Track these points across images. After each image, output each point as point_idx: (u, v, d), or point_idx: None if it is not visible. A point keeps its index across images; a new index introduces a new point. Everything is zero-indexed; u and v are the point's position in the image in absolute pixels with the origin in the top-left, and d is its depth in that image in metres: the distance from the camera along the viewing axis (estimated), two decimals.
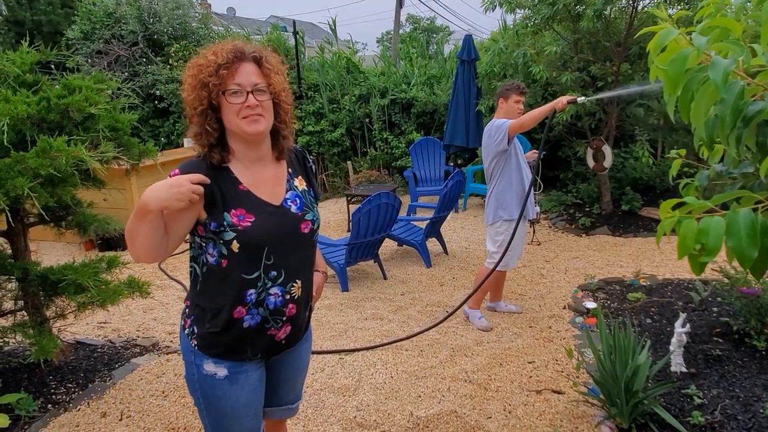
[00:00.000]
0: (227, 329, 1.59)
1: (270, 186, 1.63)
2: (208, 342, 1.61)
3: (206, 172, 1.52)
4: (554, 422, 2.76)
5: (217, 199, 1.53)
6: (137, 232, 1.48)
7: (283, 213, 1.62)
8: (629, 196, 6.50)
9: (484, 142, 3.73)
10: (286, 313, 1.65)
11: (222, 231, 1.52)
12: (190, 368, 1.67)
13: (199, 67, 1.52)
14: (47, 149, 2.52)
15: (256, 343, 1.64)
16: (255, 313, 1.60)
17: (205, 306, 1.61)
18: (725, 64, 1.03)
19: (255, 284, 1.58)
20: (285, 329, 1.67)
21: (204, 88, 1.49)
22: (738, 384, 2.84)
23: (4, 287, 3.24)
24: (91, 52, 9.00)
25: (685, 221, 1.04)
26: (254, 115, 1.50)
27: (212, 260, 1.58)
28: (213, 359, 1.62)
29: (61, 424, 2.86)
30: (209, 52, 1.54)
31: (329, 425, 2.81)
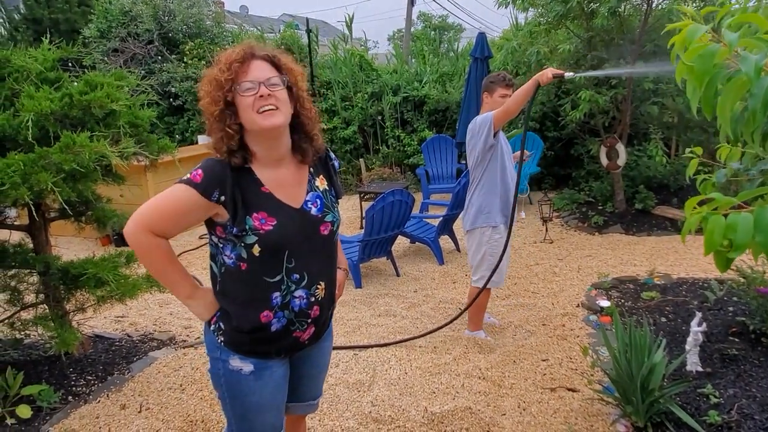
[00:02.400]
0: (254, 332, 1.60)
1: (291, 187, 1.61)
2: (235, 340, 1.62)
3: (229, 173, 1.51)
4: (569, 420, 2.76)
5: (238, 203, 1.52)
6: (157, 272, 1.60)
7: (302, 216, 1.61)
8: (643, 195, 6.46)
9: (468, 142, 3.43)
10: (311, 315, 1.66)
11: (244, 235, 1.52)
12: (215, 363, 1.67)
13: (214, 68, 1.53)
14: (71, 145, 2.56)
15: (281, 344, 1.66)
16: (281, 316, 1.61)
17: (228, 307, 1.61)
18: (756, 58, 1.04)
19: (279, 287, 1.58)
20: (309, 330, 1.69)
21: (219, 88, 1.49)
22: (755, 383, 2.82)
23: (26, 281, 3.31)
24: (108, 50, 9.10)
25: (713, 217, 1.05)
26: (269, 106, 1.47)
27: (229, 262, 1.58)
28: (239, 355, 1.63)
29: (81, 415, 2.91)
30: (222, 53, 1.55)
31: (345, 420, 2.83)
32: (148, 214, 1.52)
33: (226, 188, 1.50)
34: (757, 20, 1.23)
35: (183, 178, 1.52)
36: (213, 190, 1.49)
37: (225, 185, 1.50)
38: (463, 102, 7.57)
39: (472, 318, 3.73)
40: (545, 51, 6.10)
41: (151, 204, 1.53)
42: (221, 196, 1.49)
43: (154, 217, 1.52)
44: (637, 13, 6.13)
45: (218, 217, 1.54)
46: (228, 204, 1.50)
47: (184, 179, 1.51)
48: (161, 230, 1.53)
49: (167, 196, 1.52)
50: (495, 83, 3.41)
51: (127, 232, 1.53)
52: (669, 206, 6.41)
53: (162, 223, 1.53)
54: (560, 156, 7.86)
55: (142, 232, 1.52)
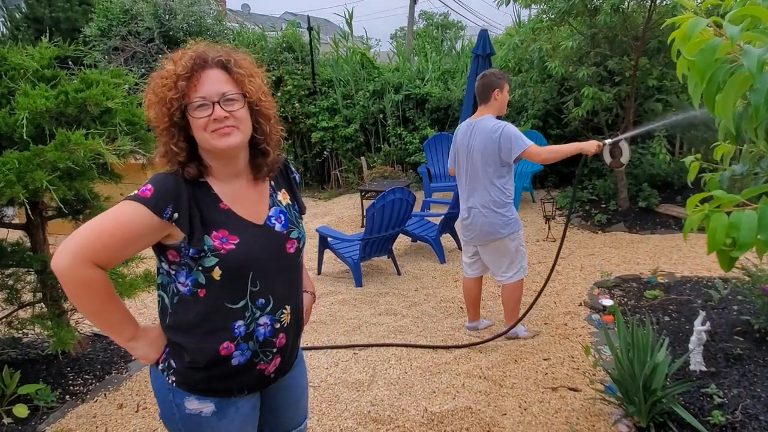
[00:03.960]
0: (211, 367, 1.40)
1: (251, 202, 1.45)
2: (189, 378, 1.41)
3: (184, 188, 1.34)
4: (570, 420, 2.73)
5: (196, 221, 1.33)
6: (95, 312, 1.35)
7: (267, 233, 1.44)
8: (646, 193, 6.41)
9: (495, 144, 3.25)
10: (276, 344, 1.47)
11: (202, 257, 1.33)
12: (168, 408, 1.45)
13: (159, 79, 1.34)
14: (65, 143, 2.54)
15: (243, 380, 1.45)
16: (245, 348, 1.41)
17: (182, 341, 1.40)
18: (758, 53, 1.00)
19: (243, 314, 1.40)
20: (275, 362, 1.49)
21: (163, 105, 1.31)
22: (759, 383, 2.79)
23: (24, 279, 3.30)
24: (108, 49, 9.08)
25: (715, 215, 1.01)
26: (224, 127, 1.32)
27: (184, 290, 1.38)
28: (195, 395, 1.42)
29: (78, 414, 2.89)
30: (168, 61, 1.36)
31: (343, 419, 2.81)
32: (89, 240, 1.27)
33: (180, 204, 1.32)
34: (760, 13, 1.19)
35: (130, 195, 1.31)
36: (165, 207, 1.30)
37: (179, 200, 1.32)
38: (465, 100, 7.53)
39: (511, 316, 3.64)
40: (547, 48, 6.06)
41: (91, 228, 1.29)
42: (174, 213, 1.31)
43: (98, 243, 1.27)
44: (640, 10, 6.07)
45: (170, 239, 1.34)
46: (182, 222, 1.32)
47: (131, 196, 1.31)
48: (105, 260, 1.29)
49: (112, 217, 1.29)
50: (503, 79, 3.36)
51: (61, 266, 1.25)
52: (673, 204, 6.36)
53: (106, 251, 1.28)
54: None
55: (82, 264, 1.26)
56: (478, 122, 3.38)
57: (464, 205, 3.52)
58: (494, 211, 3.36)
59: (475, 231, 3.47)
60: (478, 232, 3.45)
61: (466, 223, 3.52)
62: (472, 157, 3.37)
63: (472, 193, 3.43)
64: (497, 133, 3.26)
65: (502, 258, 3.49)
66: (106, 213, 1.31)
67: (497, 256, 3.49)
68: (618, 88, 5.90)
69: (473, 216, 3.44)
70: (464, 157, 3.44)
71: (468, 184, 3.45)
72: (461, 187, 3.54)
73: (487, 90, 3.36)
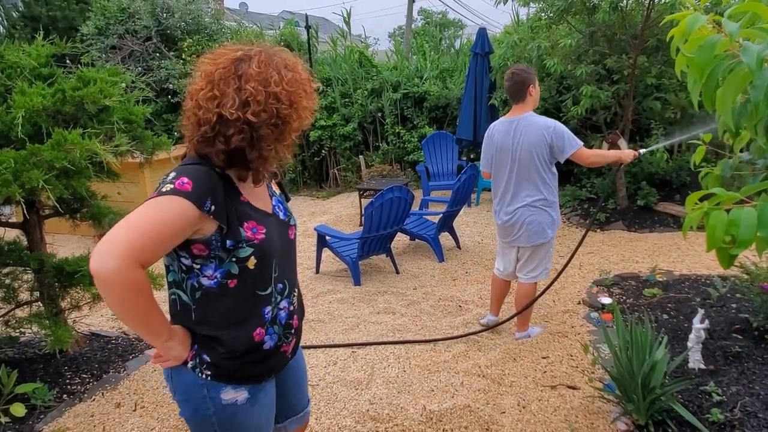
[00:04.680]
0: (246, 354, 1.44)
1: (260, 195, 1.49)
2: (225, 369, 1.43)
3: (218, 180, 1.35)
4: (569, 418, 2.72)
5: (231, 213, 1.35)
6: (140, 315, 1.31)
7: (277, 221, 1.51)
8: (645, 191, 6.41)
9: (547, 140, 3.20)
10: (293, 325, 1.57)
11: (238, 248, 1.36)
12: (201, 404, 1.45)
13: (302, 84, 1.37)
14: (62, 142, 2.53)
15: (272, 363, 1.53)
16: (272, 332, 1.49)
17: (216, 334, 1.41)
18: (758, 49, 1.00)
19: (270, 300, 1.46)
20: (292, 343, 1.59)
21: (304, 110, 1.38)
22: (758, 381, 2.78)
23: (21, 278, 3.29)
24: (106, 48, 9.05)
25: (714, 212, 1.01)
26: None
27: (210, 283, 1.38)
28: (232, 385, 1.45)
29: (76, 413, 2.89)
30: (299, 68, 1.38)
31: (342, 418, 2.80)
32: (136, 240, 1.22)
33: (217, 196, 1.31)
34: (759, 10, 1.19)
35: (165, 190, 1.26)
36: (205, 200, 1.28)
37: (216, 193, 1.32)
38: (463, 98, 7.53)
39: (524, 317, 3.60)
40: (546, 46, 6.05)
41: (138, 226, 1.23)
42: (212, 206, 1.30)
43: (145, 243, 1.23)
44: (639, 8, 6.06)
45: (198, 233, 1.32)
46: (220, 214, 1.31)
47: (168, 190, 1.26)
48: (150, 259, 1.26)
49: (155, 214, 1.24)
50: (534, 74, 3.31)
51: (110, 269, 1.19)
52: (671, 203, 6.36)
53: (152, 250, 1.25)
54: None
55: (131, 266, 1.20)
56: (521, 119, 3.28)
57: (506, 206, 3.39)
58: (543, 210, 3.31)
59: (521, 231, 3.36)
60: (524, 232, 3.35)
61: (510, 224, 3.39)
62: (520, 156, 3.26)
63: (519, 193, 3.32)
64: (549, 130, 3.20)
65: (536, 258, 3.44)
66: (145, 210, 1.25)
67: (534, 256, 3.44)
68: (616, 86, 5.90)
69: (519, 216, 3.33)
70: (508, 156, 3.31)
71: (514, 184, 3.32)
72: (501, 188, 3.41)
73: (522, 87, 3.28)
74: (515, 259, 3.54)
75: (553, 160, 3.29)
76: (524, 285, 3.53)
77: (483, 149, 3.52)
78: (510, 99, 3.39)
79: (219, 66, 1.34)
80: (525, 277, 3.51)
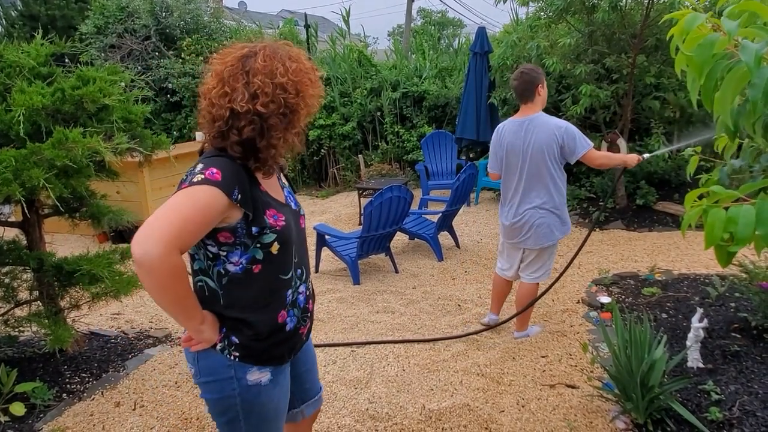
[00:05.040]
0: (271, 335, 1.53)
1: (274, 186, 1.59)
2: (253, 351, 1.51)
3: (243, 171, 1.43)
4: (568, 416, 2.73)
5: (257, 201, 1.44)
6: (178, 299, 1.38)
7: (290, 210, 1.60)
8: (644, 191, 6.42)
9: (558, 141, 3.18)
10: (309, 308, 1.68)
11: (263, 234, 1.44)
12: (226, 386, 1.52)
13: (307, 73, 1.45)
14: (63, 140, 2.53)
15: (292, 344, 1.62)
16: (293, 314, 1.59)
17: (244, 316, 1.49)
18: (756, 48, 1.00)
19: (291, 284, 1.57)
20: (308, 325, 1.70)
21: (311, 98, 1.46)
22: (757, 380, 2.79)
23: (20, 277, 3.28)
24: (105, 47, 9.05)
25: (713, 210, 1.01)
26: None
27: (236, 269, 1.46)
28: (257, 367, 1.53)
29: (75, 413, 2.89)
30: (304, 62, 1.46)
31: (341, 417, 2.80)
32: (176, 227, 1.27)
33: (244, 185, 1.40)
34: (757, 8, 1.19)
35: (197, 180, 1.33)
36: (233, 189, 1.36)
37: (243, 182, 1.40)
38: (462, 97, 7.53)
39: (524, 317, 3.60)
40: (545, 45, 6.05)
41: (176, 215, 1.29)
42: (239, 194, 1.37)
43: (184, 230, 1.29)
44: (638, 7, 6.07)
45: (225, 221, 1.39)
46: (246, 202, 1.39)
47: (199, 180, 1.33)
48: (187, 246, 1.33)
49: (190, 203, 1.31)
50: (542, 73, 3.29)
51: (154, 255, 1.24)
52: (670, 202, 6.37)
53: (189, 237, 1.32)
54: None
55: (171, 253, 1.26)
56: (532, 120, 3.25)
57: (514, 207, 3.37)
58: (552, 212, 3.30)
59: (530, 233, 3.34)
60: (533, 234, 3.33)
61: (518, 226, 3.36)
62: (531, 156, 3.24)
63: (529, 194, 3.30)
64: (561, 130, 3.19)
65: (540, 260, 3.44)
66: (180, 199, 1.31)
67: (539, 258, 3.44)
68: (616, 85, 5.90)
69: (529, 218, 3.31)
70: (518, 157, 3.28)
71: (525, 185, 3.30)
72: (511, 189, 3.38)
73: (531, 87, 3.25)
74: (520, 259, 3.54)
75: (563, 161, 3.27)
76: (526, 285, 3.52)
77: (492, 150, 3.49)
78: (518, 99, 3.36)
79: (227, 64, 1.41)
80: (528, 277, 3.50)
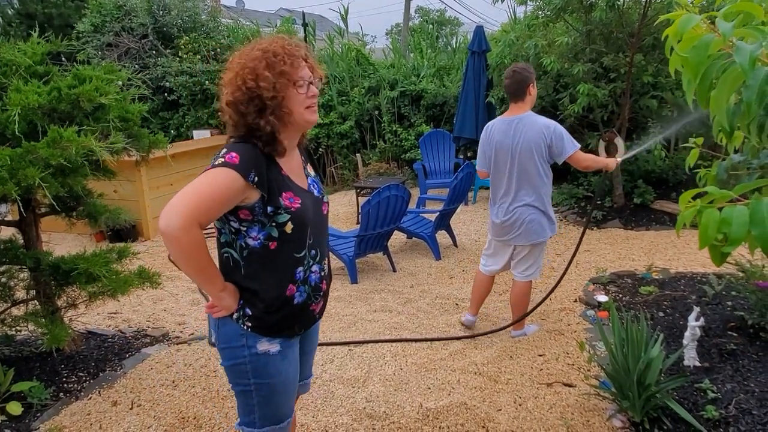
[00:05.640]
0: (281, 307, 1.67)
1: (298, 173, 1.73)
2: (264, 322, 1.66)
3: (261, 155, 1.57)
4: (565, 415, 2.74)
5: (272, 184, 1.58)
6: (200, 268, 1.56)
7: (311, 196, 1.73)
8: (641, 189, 6.43)
9: (547, 141, 3.24)
10: (322, 288, 1.80)
11: (278, 213, 1.59)
12: (238, 353, 1.68)
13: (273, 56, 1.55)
14: (58, 139, 2.52)
15: (302, 319, 1.75)
16: (302, 290, 1.71)
17: (257, 287, 1.65)
18: (751, 49, 1.00)
19: (302, 262, 1.69)
20: (320, 303, 1.82)
21: (282, 76, 1.55)
22: (753, 378, 2.80)
23: (17, 277, 3.28)
24: (102, 45, 9.03)
25: (707, 210, 1.02)
26: (314, 104, 1.63)
27: (255, 243, 1.61)
28: (267, 338, 1.68)
29: (72, 412, 2.88)
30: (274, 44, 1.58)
31: (339, 416, 2.81)
32: (195, 204, 1.46)
33: (261, 169, 1.54)
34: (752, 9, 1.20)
35: (217, 163, 1.51)
36: (250, 171, 1.52)
37: (260, 166, 1.54)
38: (460, 96, 7.53)
39: (521, 314, 3.62)
40: (543, 44, 6.05)
41: (195, 193, 1.48)
42: (256, 177, 1.53)
43: (202, 207, 1.47)
44: (636, 6, 6.07)
45: (246, 201, 1.56)
46: (262, 184, 1.54)
47: (220, 163, 1.50)
48: (205, 221, 1.51)
49: (208, 183, 1.49)
50: (533, 73, 3.34)
51: (177, 227, 1.44)
52: (668, 201, 6.38)
53: (207, 213, 1.49)
54: None
55: (192, 225, 1.46)
56: (521, 119, 3.29)
57: (504, 205, 3.39)
58: (541, 210, 3.34)
59: (520, 230, 3.37)
60: (524, 231, 3.36)
61: (509, 223, 3.38)
62: (519, 155, 3.27)
63: (518, 192, 3.33)
64: (549, 130, 3.24)
65: (532, 257, 3.47)
66: (201, 179, 1.49)
67: (531, 255, 3.46)
68: (613, 84, 5.91)
69: (519, 215, 3.34)
70: (507, 155, 3.31)
71: (515, 183, 3.33)
72: (501, 187, 3.41)
73: (522, 86, 3.29)
74: (509, 257, 3.56)
75: (550, 161, 3.30)
76: (520, 284, 3.54)
77: (480, 148, 3.52)
78: (509, 97, 3.39)
79: (226, 68, 1.64)
80: (521, 275, 3.52)
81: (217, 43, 9.16)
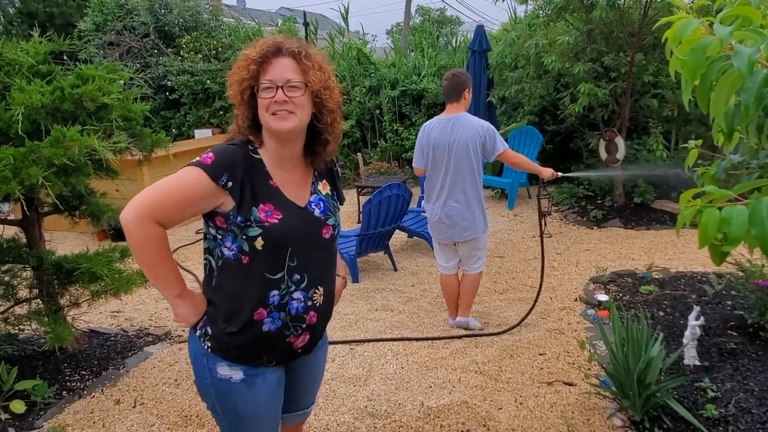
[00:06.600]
0: (244, 330, 1.52)
1: (297, 187, 1.58)
2: (223, 344, 1.54)
3: (241, 160, 1.48)
4: (565, 414, 2.75)
5: (246, 192, 1.47)
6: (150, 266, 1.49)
7: (307, 215, 1.58)
8: (642, 189, 6.44)
9: (481, 139, 3.42)
10: (307, 320, 1.59)
11: (247, 226, 1.46)
12: (202, 372, 1.58)
13: (238, 61, 1.51)
14: (61, 139, 2.53)
15: (272, 350, 1.57)
16: (276, 317, 1.53)
17: (221, 303, 1.53)
18: (749, 52, 1.01)
19: (279, 285, 1.52)
20: (303, 337, 1.61)
21: (239, 84, 1.48)
22: (752, 377, 2.81)
23: (20, 276, 3.29)
24: (103, 44, 9.03)
25: (707, 210, 1.03)
26: (283, 111, 1.45)
27: (229, 254, 1.51)
28: (227, 362, 1.54)
29: (75, 410, 2.90)
30: (251, 47, 1.52)
31: (340, 414, 2.82)
32: (151, 198, 1.41)
33: (236, 174, 1.45)
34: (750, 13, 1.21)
35: (192, 162, 1.46)
36: (222, 174, 1.43)
37: (235, 170, 1.45)
38: None
39: (469, 304, 3.78)
40: (544, 43, 6.06)
41: (155, 187, 1.43)
42: (229, 182, 1.44)
43: (158, 202, 1.42)
44: (636, 6, 6.08)
45: (222, 207, 1.47)
46: (235, 191, 1.45)
47: (194, 162, 1.45)
48: (164, 218, 1.43)
49: (175, 180, 1.43)
50: (469, 79, 3.56)
51: (126, 219, 1.41)
52: (668, 200, 6.38)
53: (166, 210, 1.42)
54: (559, 150, 7.81)
55: (144, 219, 1.40)
56: (458, 118, 3.46)
57: (440, 203, 3.55)
58: (475, 207, 3.52)
59: (457, 227, 3.54)
60: (460, 228, 3.53)
61: (446, 221, 3.55)
62: (455, 154, 3.44)
63: (453, 190, 3.49)
64: (483, 129, 3.43)
65: (476, 251, 3.66)
66: (171, 176, 1.44)
67: (473, 250, 3.65)
68: (614, 84, 5.92)
69: (455, 213, 3.50)
70: (444, 153, 3.47)
71: (449, 181, 3.49)
72: (437, 185, 3.56)
73: (460, 89, 3.48)
74: (456, 253, 3.73)
75: (482, 159, 3.50)
76: (470, 276, 3.73)
77: (418, 146, 3.66)
78: (446, 98, 3.57)
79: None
80: (470, 268, 3.72)
81: (218, 42, 9.16)
